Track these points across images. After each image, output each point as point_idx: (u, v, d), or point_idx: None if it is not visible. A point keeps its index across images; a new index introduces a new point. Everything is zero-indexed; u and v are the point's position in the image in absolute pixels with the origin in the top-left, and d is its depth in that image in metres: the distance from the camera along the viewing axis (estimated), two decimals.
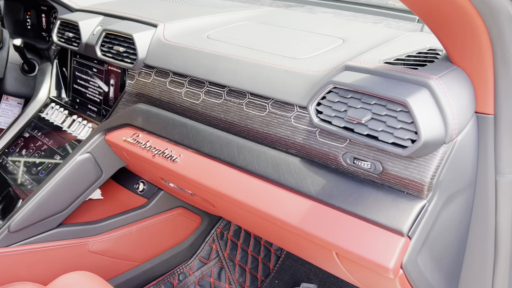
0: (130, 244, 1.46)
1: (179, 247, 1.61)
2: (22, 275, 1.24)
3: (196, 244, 1.66)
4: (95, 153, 1.28)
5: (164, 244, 1.56)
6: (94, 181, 1.31)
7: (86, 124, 1.39)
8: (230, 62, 1.03)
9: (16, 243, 1.24)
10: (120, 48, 1.28)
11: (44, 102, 1.59)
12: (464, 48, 0.73)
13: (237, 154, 0.97)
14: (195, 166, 1.03)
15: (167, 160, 1.09)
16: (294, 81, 0.91)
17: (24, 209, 1.22)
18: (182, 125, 1.10)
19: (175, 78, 1.15)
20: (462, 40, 0.72)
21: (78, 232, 1.35)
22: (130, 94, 1.27)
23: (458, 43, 0.73)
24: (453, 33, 0.71)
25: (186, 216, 1.58)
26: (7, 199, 1.36)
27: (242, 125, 0.99)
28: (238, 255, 1.75)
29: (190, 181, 1.04)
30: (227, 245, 1.75)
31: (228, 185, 0.96)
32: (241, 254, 1.76)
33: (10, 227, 1.20)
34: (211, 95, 1.06)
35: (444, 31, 0.72)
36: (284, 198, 0.88)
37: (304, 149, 0.89)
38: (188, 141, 1.07)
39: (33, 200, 1.23)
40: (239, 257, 1.76)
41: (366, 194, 0.79)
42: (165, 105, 1.17)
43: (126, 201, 1.53)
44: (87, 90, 1.49)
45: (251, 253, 1.79)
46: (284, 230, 0.90)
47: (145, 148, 1.14)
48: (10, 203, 1.33)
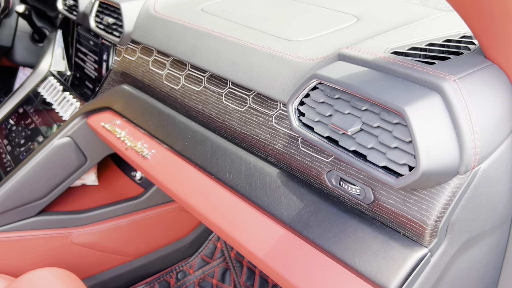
0: (120, 238, 1.34)
1: (178, 243, 1.48)
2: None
3: (199, 241, 1.53)
4: (76, 137, 1.15)
5: (161, 239, 1.43)
6: (76, 168, 1.19)
7: (74, 104, 1.27)
8: (213, 41, 0.85)
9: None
10: (109, 19, 1.14)
11: (43, 76, 1.49)
12: (503, 35, 0.51)
13: (209, 157, 0.80)
14: (164, 166, 0.87)
15: (138, 155, 0.93)
16: (279, 70, 0.72)
17: None
18: (159, 113, 0.94)
19: (158, 57, 0.98)
20: (500, 23, 0.49)
21: (60, 221, 1.25)
22: (115, 73, 1.13)
23: (494, 28, 0.50)
24: (486, 13, 0.49)
25: (185, 210, 1.44)
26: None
27: (220, 121, 0.82)
28: None
29: (158, 183, 0.88)
30: None
31: (194, 194, 0.79)
32: None
33: None
34: (191, 81, 0.89)
35: (472, 8, 0.50)
36: (252, 219, 0.70)
37: (284, 159, 0.70)
38: (163, 134, 0.91)
39: (7, 184, 1.13)
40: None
41: (350, 230, 0.60)
42: (147, 89, 1.01)
43: (122, 189, 1.42)
44: (85, 64, 1.37)
45: None
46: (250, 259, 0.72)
47: (120, 138, 1.00)
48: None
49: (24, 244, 1.20)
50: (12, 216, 1.17)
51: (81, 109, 1.16)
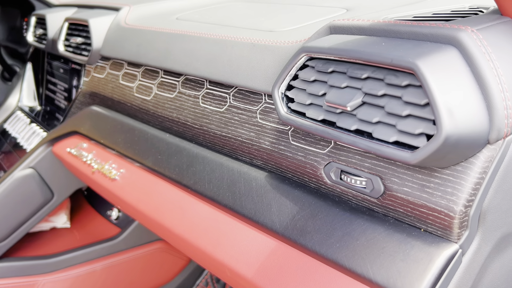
0: (94, 286, 1.20)
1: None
2: None
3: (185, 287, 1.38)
4: (40, 168, 1.04)
5: (141, 286, 1.28)
6: (42, 204, 1.07)
7: (41, 134, 1.16)
8: (187, 41, 0.76)
9: None
10: (77, 39, 1.06)
11: (11, 111, 1.40)
12: None
13: (186, 168, 0.70)
14: (133, 185, 0.76)
15: (106, 178, 0.83)
16: (262, 58, 0.63)
17: None
18: (129, 130, 0.84)
19: (129, 69, 0.90)
20: None
21: (24, 268, 1.11)
22: (84, 94, 1.04)
23: None
24: None
25: (169, 252, 1.30)
26: None
27: (197, 126, 0.72)
28: None
29: (128, 206, 0.77)
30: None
31: (167, 212, 0.68)
32: None
33: None
34: (164, 88, 0.80)
35: None
36: (237, 233, 0.59)
37: (273, 158, 0.60)
38: (133, 151, 0.80)
39: None
40: None
41: (357, 231, 0.49)
42: (117, 106, 0.92)
43: (97, 231, 1.29)
44: (55, 95, 1.28)
45: None
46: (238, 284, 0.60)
47: (85, 162, 0.89)
48: None
49: None
50: None
51: (45, 137, 1.06)
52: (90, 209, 1.37)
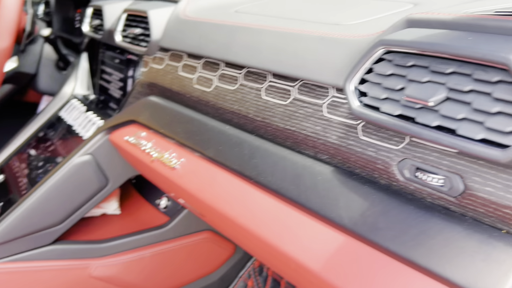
0: (143, 272, 1.22)
1: (205, 280, 1.34)
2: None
3: (228, 279, 1.39)
4: (97, 155, 1.07)
5: (186, 274, 1.30)
6: (97, 191, 1.10)
7: (97, 123, 1.19)
8: (250, 34, 0.76)
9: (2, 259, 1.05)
10: (136, 29, 1.08)
11: (66, 100, 1.44)
12: None
13: (247, 160, 0.70)
14: (194, 174, 0.77)
15: (165, 167, 0.84)
16: (330, 52, 0.62)
17: (9, 219, 1.03)
18: (189, 120, 0.85)
19: (189, 61, 0.91)
20: None
21: (78, 251, 1.14)
22: (142, 85, 1.05)
23: None
24: None
25: (215, 242, 1.31)
26: (5, 205, 1.19)
27: (259, 119, 0.72)
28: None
29: (188, 194, 0.78)
30: (267, 282, 1.45)
31: (230, 202, 0.68)
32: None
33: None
34: (225, 80, 0.80)
35: None
36: (302, 226, 0.58)
37: (340, 154, 0.59)
38: (193, 141, 0.81)
39: (20, 207, 1.04)
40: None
41: (433, 230, 0.47)
42: (176, 96, 0.93)
43: (146, 219, 1.31)
44: (110, 85, 1.31)
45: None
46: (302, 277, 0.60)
47: (144, 151, 0.91)
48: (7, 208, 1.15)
49: (37, 276, 1.09)
50: (25, 244, 1.07)
51: (103, 125, 1.08)
52: (139, 197, 1.40)
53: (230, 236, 0.86)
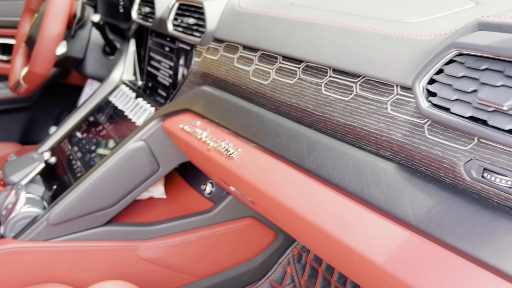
0: (188, 255, 1.27)
1: (246, 265, 1.38)
2: (58, 275, 1.11)
3: (268, 265, 1.43)
4: (150, 142, 1.11)
5: (229, 259, 1.35)
6: (149, 175, 1.14)
7: (149, 109, 1.23)
8: (310, 29, 0.78)
9: (56, 238, 1.11)
10: (190, 19, 1.11)
11: (115, 85, 1.49)
12: None
13: (306, 153, 0.72)
14: (253, 164, 0.80)
15: (222, 156, 0.87)
16: (397, 50, 0.64)
17: (66, 200, 1.09)
18: (245, 111, 0.87)
19: (245, 53, 0.93)
20: None
21: (128, 233, 1.19)
22: (195, 74, 1.08)
23: None
24: None
25: (257, 229, 1.35)
26: (60, 187, 1.25)
27: (318, 113, 0.74)
28: (318, 284, 1.48)
29: (246, 184, 0.81)
30: (305, 270, 1.48)
31: (289, 193, 0.71)
32: (322, 284, 1.48)
33: (49, 219, 1.08)
34: (283, 74, 0.82)
35: None
36: (366, 221, 0.61)
37: (404, 151, 0.61)
38: (250, 132, 0.84)
39: (76, 190, 1.10)
40: (319, 286, 1.48)
41: (501, 230, 0.49)
42: (231, 88, 0.96)
43: (190, 204, 1.35)
44: (159, 72, 1.35)
45: (334, 284, 1.50)
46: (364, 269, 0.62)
47: (200, 139, 0.94)
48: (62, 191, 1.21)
49: (90, 255, 1.15)
50: (81, 224, 1.13)
51: (157, 112, 1.12)
52: (183, 182, 1.44)
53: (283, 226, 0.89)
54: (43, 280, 1.10)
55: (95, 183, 1.09)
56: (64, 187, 1.23)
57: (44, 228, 1.09)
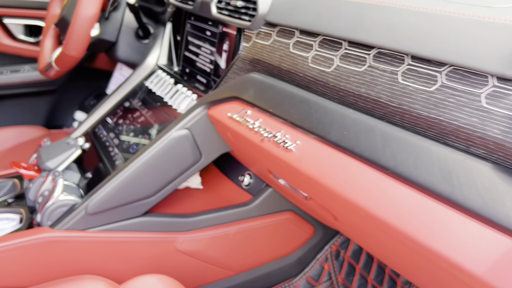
0: (226, 248, 1.23)
1: (283, 260, 1.34)
2: (95, 266, 1.07)
3: (305, 260, 1.38)
4: (194, 130, 1.06)
5: (266, 254, 1.30)
6: (190, 165, 1.09)
7: (190, 96, 1.18)
8: (383, 12, 0.72)
9: (93, 228, 1.07)
10: (238, 2, 1.05)
11: (151, 70, 1.44)
12: None
13: (381, 148, 0.66)
14: (316, 158, 0.74)
15: (279, 147, 0.81)
16: (492, 37, 0.57)
17: (105, 189, 1.05)
18: (303, 101, 0.82)
19: (302, 38, 0.87)
20: None
21: (166, 224, 1.15)
22: (243, 60, 1.03)
23: None
24: None
25: (296, 223, 1.30)
26: (95, 174, 1.21)
27: (394, 105, 0.68)
28: (355, 282, 1.43)
29: (307, 178, 0.76)
30: (343, 267, 1.43)
31: (364, 192, 0.66)
32: (359, 282, 1.43)
33: (87, 208, 1.04)
34: (350, 61, 0.76)
35: None
36: (459, 226, 0.55)
37: (503, 150, 0.55)
38: (310, 123, 0.78)
39: (116, 178, 1.05)
40: (356, 284, 1.43)
41: None
42: (285, 75, 0.90)
43: (227, 195, 1.31)
44: (198, 57, 1.29)
45: (371, 282, 1.45)
46: (453, 277, 0.57)
47: (253, 129, 0.89)
48: (98, 179, 1.18)
49: (127, 247, 1.11)
50: (119, 214, 1.09)
51: (202, 99, 1.07)
52: (219, 173, 1.40)
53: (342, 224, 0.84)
54: (79, 271, 1.07)
55: (137, 172, 1.05)
56: (100, 174, 1.19)
57: (82, 217, 1.05)
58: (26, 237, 1.01)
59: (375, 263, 1.48)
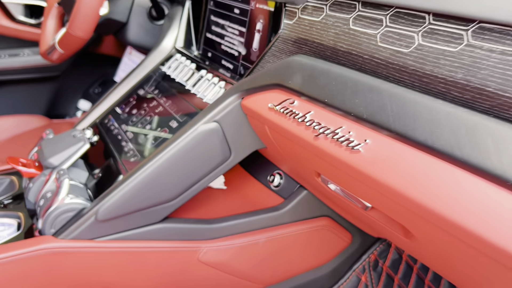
0: (254, 259, 1.07)
1: (316, 271, 1.19)
2: (107, 280, 0.92)
3: (340, 271, 1.23)
4: (224, 123, 0.90)
5: (298, 264, 1.15)
6: (218, 164, 0.94)
7: (217, 84, 1.02)
8: None
9: (105, 236, 0.92)
10: None
11: (168, 54, 1.28)
12: None
13: (494, 152, 0.50)
14: (395, 163, 0.59)
15: (341, 147, 0.66)
16: None
17: (120, 192, 0.89)
18: (371, 89, 0.66)
19: (367, 11, 0.71)
20: None
21: (187, 231, 1.00)
22: (285, 40, 0.87)
23: None
24: None
25: (332, 230, 1.15)
26: (105, 172, 1.06)
27: (508, 95, 0.52)
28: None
29: (380, 187, 0.60)
30: (381, 279, 1.28)
31: (473, 212, 0.50)
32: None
33: (97, 214, 0.88)
34: (438, 38, 0.60)
35: None
36: None
37: None
38: (383, 117, 0.62)
39: (133, 180, 0.89)
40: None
41: None
42: (343, 57, 0.74)
43: (255, 198, 1.15)
44: (223, 39, 1.13)
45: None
46: None
47: (303, 123, 0.73)
48: (108, 178, 1.02)
49: (144, 258, 0.96)
50: (135, 220, 0.93)
51: (234, 87, 0.91)
52: (244, 172, 1.24)
53: (420, 243, 0.68)
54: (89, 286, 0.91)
55: (157, 171, 0.89)
56: (111, 172, 1.04)
57: (91, 224, 0.89)
58: (25, 247, 0.85)
59: (415, 273, 1.33)
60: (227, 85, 1.01)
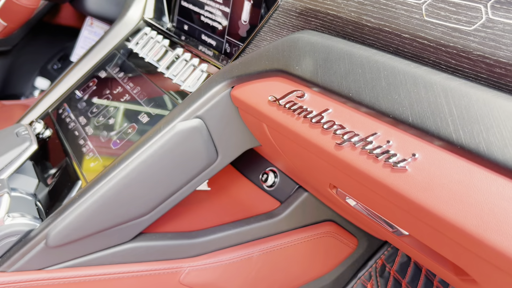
0: (247, 276, 0.91)
1: (317, 282, 1.04)
2: None
3: (344, 280, 1.08)
4: (209, 119, 0.72)
5: (298, 277, 0.99)
6: (202, 168, 0.76)
7: (198, 66, 0.83)
8: None
9: (60, 264, 0.74)
10: None
11: (134, 26, 1.07)
12: None
13: None
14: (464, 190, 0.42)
15: (377, 162, 0.49)
16: None
17: (76, 210, 0.70)
18: (416, 82, 0.48)
19: None
20: None
21: (166, 249, 0.83)
22: (287, 11, 0.68)
23: None
24: None
25: (337, 236, 1.00)
26: (61, 176, 0.86)
27: None
28: None
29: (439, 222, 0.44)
30: (388, 284, 1.14)
31: None
32: None
33: (48, 240, 0.70)
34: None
35: None
36: None
37: None
38: (439, 122, 0.45)
39: (93, 194, 0.71)
40: None
41: None
42: (370, 36, 0.56)
43: (246, 201, 0.99)
44: (202, 9, 0.94)
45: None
46: None
47: (319, 125, 0.55)
48: (65, 184, 0.83)
49: (113, 286, 0.78)
50: (99, 241, 0.75)
51: (221, 72, 0.72)
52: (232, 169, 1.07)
53: None
54: None
55: (123, 182, 0.70)
56: (68, 178, 0.85)
57: (41, 251, 0.71)
58: None
59: (423, 275, 1.20)
60: (210, 67, 0.83)
